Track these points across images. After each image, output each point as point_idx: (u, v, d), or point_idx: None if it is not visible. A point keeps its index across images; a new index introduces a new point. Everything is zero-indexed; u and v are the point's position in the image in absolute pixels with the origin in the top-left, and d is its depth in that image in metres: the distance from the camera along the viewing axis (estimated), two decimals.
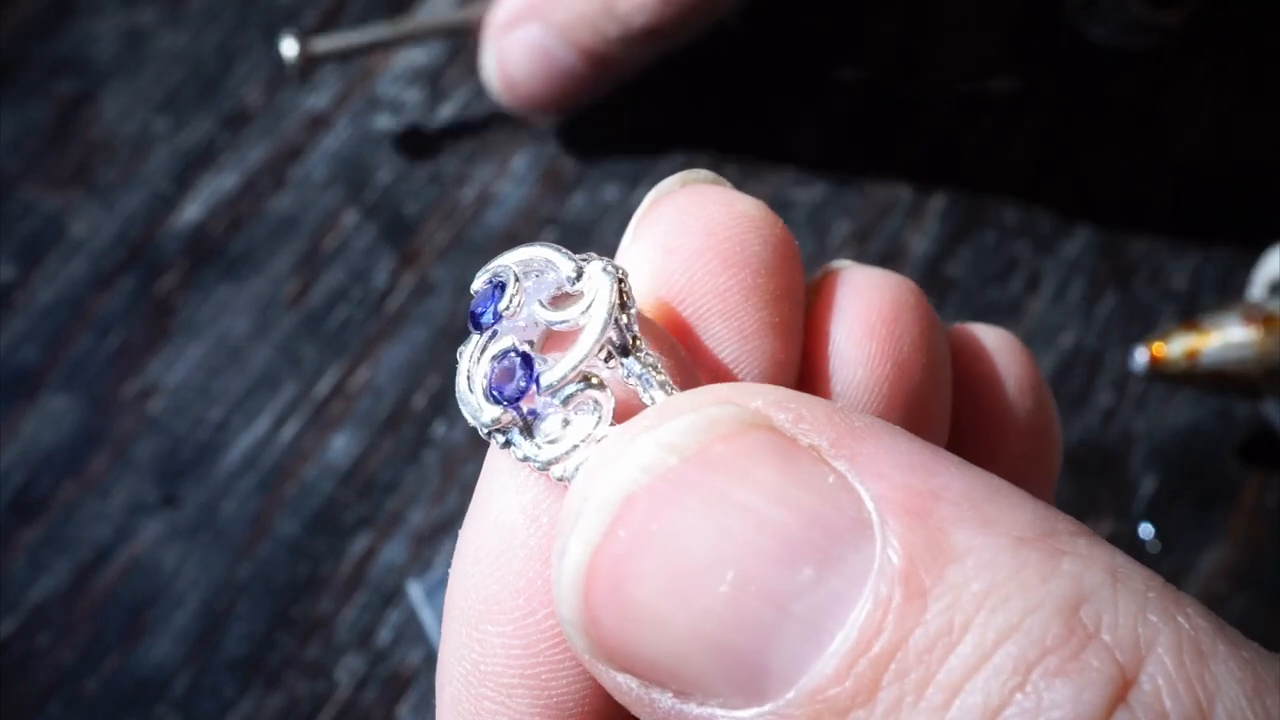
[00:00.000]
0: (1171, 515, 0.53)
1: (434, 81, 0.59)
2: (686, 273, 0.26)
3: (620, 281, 0.23)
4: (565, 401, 0.23)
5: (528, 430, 0.23)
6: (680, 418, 0.20)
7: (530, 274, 0.24)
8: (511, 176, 0.58)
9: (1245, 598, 0.51)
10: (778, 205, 0.57)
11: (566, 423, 0.23)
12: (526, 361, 0.23)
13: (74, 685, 0.48)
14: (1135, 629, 0.17)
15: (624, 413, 0.23)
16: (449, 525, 0.51)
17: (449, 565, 0.23)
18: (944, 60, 0.60)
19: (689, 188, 0.27)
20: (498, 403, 0.23)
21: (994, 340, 0.30)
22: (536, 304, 0.24)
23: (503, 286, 0.24)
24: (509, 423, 0.23)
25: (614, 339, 0.23)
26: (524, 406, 0.23)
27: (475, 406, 0.24)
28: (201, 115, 0.58)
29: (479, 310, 0.24)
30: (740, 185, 0.58)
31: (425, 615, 0.49)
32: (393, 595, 0.49)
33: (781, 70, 0.60)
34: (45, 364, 0.53)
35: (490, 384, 0.24)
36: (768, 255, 0.26)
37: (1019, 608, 0.17)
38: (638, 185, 0.58)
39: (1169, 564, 0.51)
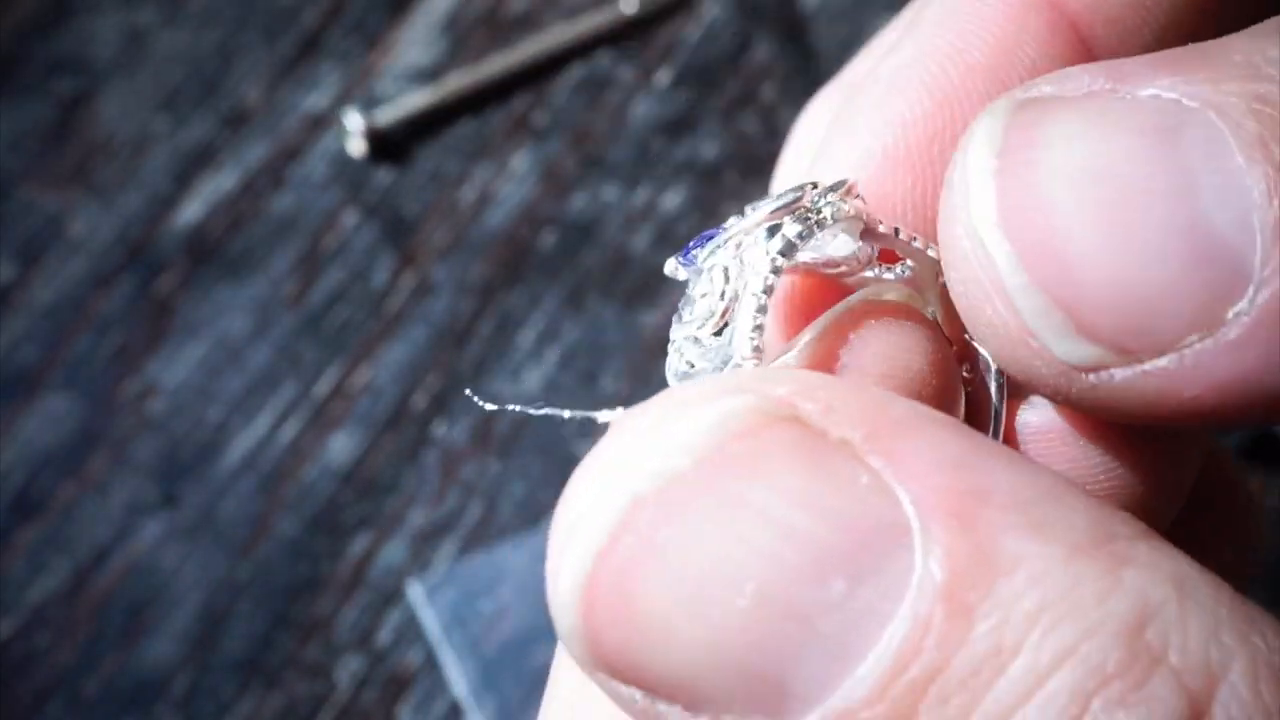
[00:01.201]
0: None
1: (434, 80, 0.59)
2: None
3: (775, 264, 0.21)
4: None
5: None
6: (694, 410, 0.17)
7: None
8: (511, 176, 0.58)
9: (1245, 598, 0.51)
10: None
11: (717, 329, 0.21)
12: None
13: (74, 685, 0.48)
14: (1206, 652, 0.16)
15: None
16: (449, 525, 0.51)
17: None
18: None
19: None
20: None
21: None
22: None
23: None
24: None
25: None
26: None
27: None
28: (201, 115, 0.58)
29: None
30: (740, 185, 0.58)
31: (425, 615, 0.49)
32: (393, 595, 0.49)
33: (782, 69, 0.60)
34: (45, 364, 0.53)
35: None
36: None
37: (1077, 629, 0.16)
38: (638, 185, 0.58)
39: None
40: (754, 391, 0.18)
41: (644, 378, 0.53)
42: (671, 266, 0.23)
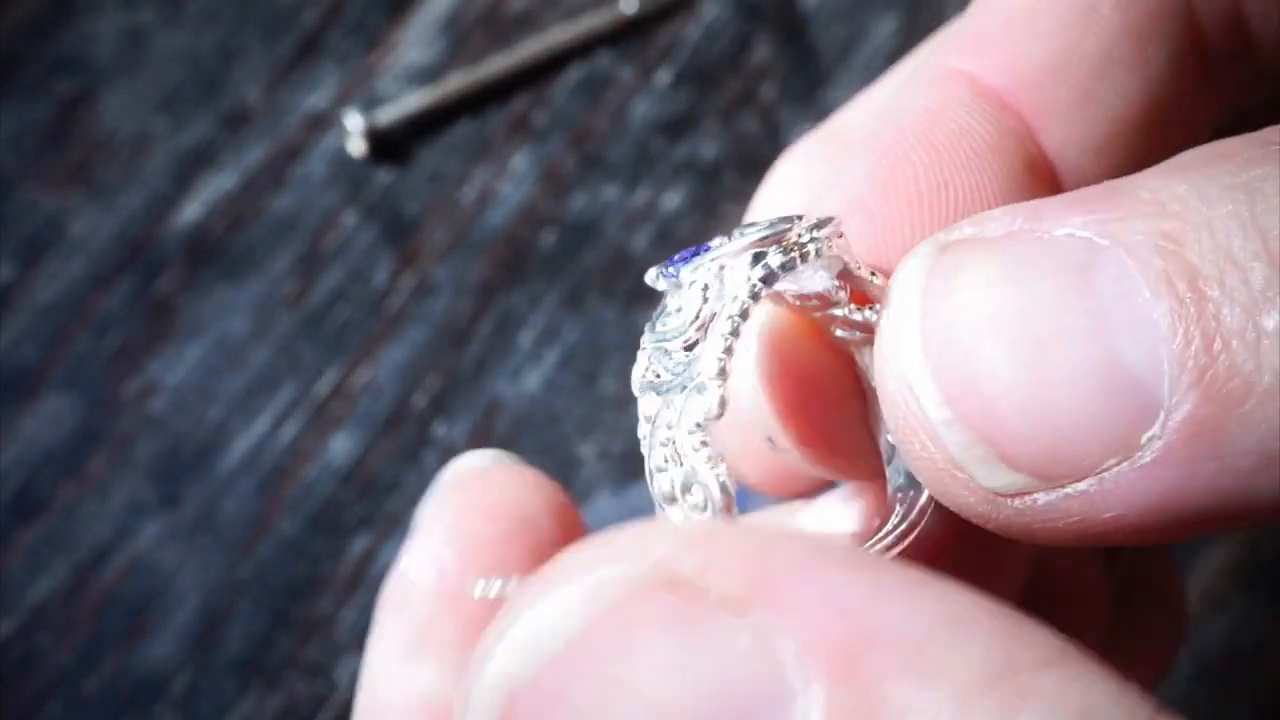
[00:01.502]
0: None
1: (434, 80, 0.59)
2: None
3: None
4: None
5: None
6: (562, 589, 0.17)
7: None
8: (511, 176, 0.58)
9: (1245, 598, 0.51)
10: None
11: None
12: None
13: (74, 685, 0.48)
14: None
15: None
16: None
17: None
18: None
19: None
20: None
21: None
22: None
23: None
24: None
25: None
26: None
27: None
28: (201, 115, 0.58)
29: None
30: (740, 185, 0.58)
31: None
32: None
33: (782, 69, 0.60)
34: (45, 364, 0.53)
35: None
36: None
37: None
38: (638, 185, 0.58)
39: None
40: (629, 559, 0.17)
41: None
42: (653, 276, 0.23)
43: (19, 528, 0.50)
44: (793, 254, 0.22)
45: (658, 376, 0.22)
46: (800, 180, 0.31)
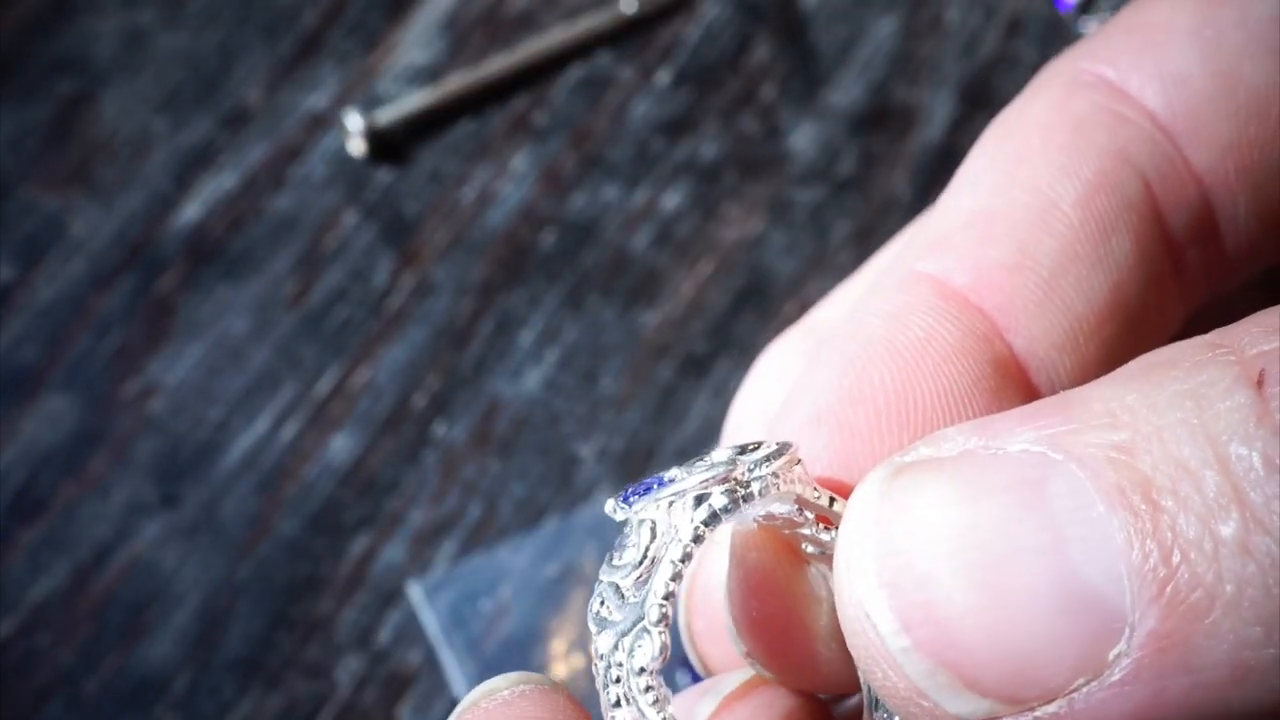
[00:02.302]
0: None
1: (434, 80, 0.59)
2: None
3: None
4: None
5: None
6: None
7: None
8: (511, 176, 0.58)
9: None
10: (778, 205, 0.57)
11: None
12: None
13: (74, 685, 0.48)
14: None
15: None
16: (449, 525, 0.51)
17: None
18: (943, 61, 0.60)
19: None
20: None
21: None
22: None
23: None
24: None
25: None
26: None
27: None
28: (201, 115, 0.58)
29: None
30: (740, 185, 0.58)
31: (425, 616, 0.49)
32: (393, 595, 0.49)
33: (782, 69, 0.60)
34: (45, 364, 0.53)
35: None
36: None
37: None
38: (638, 185, 0.58)
39: None
40: None
41: (644, 377, 0.53)
42: (610, 507, 0.24)
43: (19, 528, 0.50)
44: (737, 494, 0.22)
45: (610, 614, 0.23)
46: (780, 376, 0.31)
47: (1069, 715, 0.19)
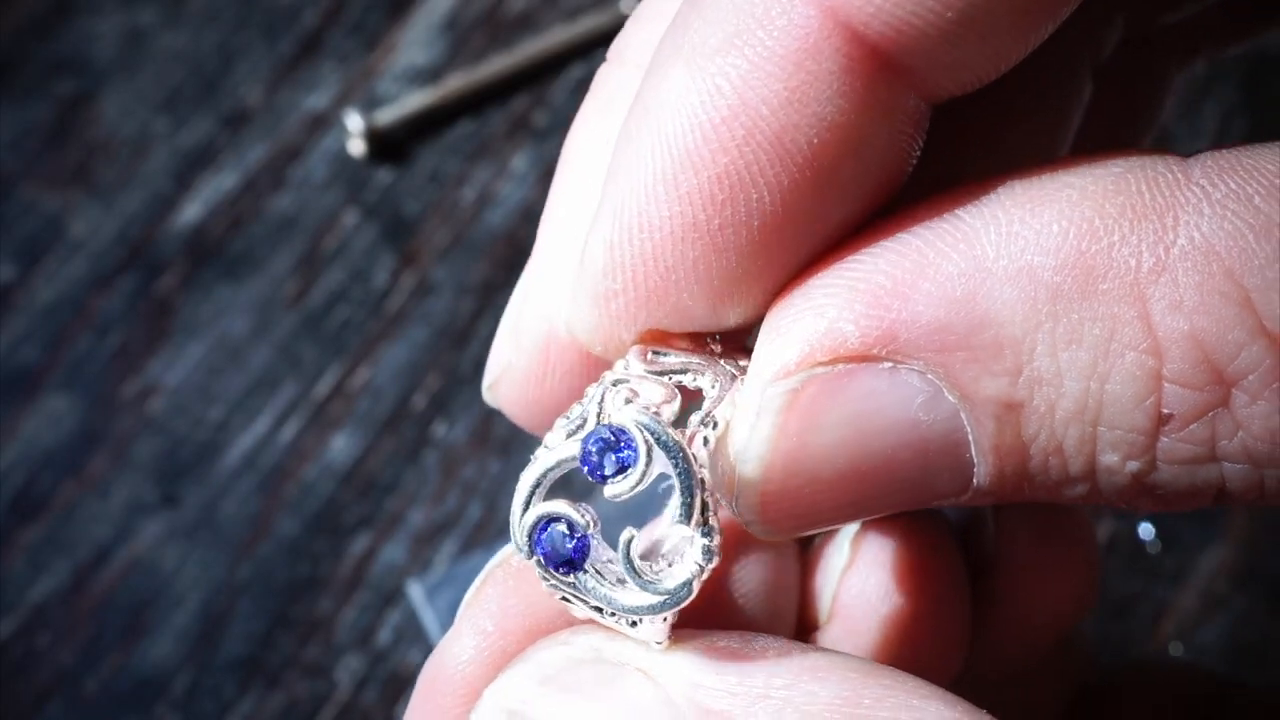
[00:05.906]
0: (1172, 515, 0.53)
1: (434, 81, 0.59)
2: None
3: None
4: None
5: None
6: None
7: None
8: (511, 176, 0.58)
9: (1245, 598, 0.51)
10: None
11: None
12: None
13: (74, 685, 0.48)
14: None
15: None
16: (449, 525, 0.51)
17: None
18: None
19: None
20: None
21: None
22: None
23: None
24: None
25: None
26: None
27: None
28: (201, 115, 0.58)
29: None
30: None
31: (425, 615, 0.49)
32: (393, 595, 0.49)
33: None
34: (45, 364, 0.53)
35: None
36: None
37: None
38: None
39: (1169, 564, 0.51)
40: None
41: None
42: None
43: (19, 528, 0.50)
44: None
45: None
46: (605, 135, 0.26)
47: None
